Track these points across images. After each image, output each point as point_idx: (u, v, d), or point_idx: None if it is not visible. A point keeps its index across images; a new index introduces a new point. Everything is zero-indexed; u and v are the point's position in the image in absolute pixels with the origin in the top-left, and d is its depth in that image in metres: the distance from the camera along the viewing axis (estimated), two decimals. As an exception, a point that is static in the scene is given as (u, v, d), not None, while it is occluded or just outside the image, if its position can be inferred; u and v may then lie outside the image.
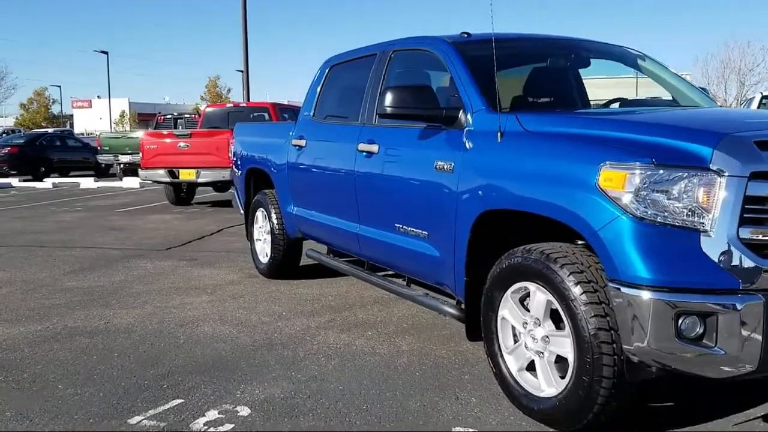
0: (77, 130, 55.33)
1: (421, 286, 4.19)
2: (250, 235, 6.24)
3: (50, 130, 31.17)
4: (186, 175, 11.41)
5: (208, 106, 13.59)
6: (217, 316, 4.74)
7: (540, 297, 2.82)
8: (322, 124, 4.94)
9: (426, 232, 3.56)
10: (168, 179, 11.54)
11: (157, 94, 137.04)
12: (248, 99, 20.82)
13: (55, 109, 78.27)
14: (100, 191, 16.31)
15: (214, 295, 5.40)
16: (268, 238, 5.82)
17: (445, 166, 3.34)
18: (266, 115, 13.01)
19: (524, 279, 2.87)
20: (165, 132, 12.92)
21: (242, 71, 22.14)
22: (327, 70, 5.08)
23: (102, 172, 22.09)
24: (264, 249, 5.95)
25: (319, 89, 5.08)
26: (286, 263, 5.71)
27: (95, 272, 6.39)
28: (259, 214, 6.00)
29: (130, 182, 17.87)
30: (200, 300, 5.23)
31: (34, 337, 4.32)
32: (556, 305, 2.72)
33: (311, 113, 5.10)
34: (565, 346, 2.72)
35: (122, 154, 18.89)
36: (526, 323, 2.92)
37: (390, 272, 4.57)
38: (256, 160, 5.94)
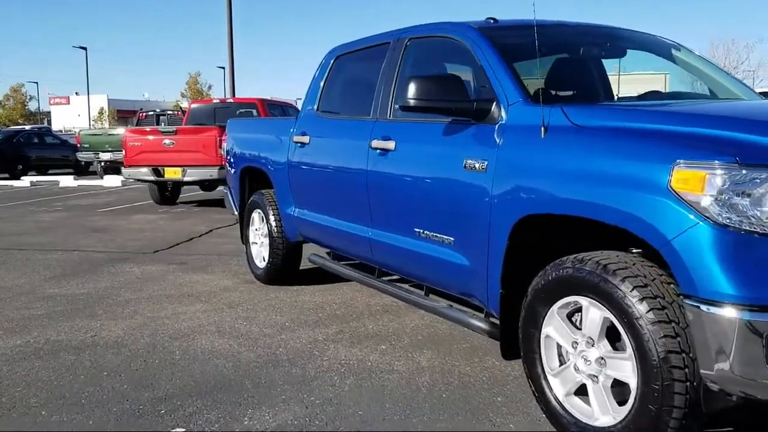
0: (55, 127, 54.33)
1: (441, 295, 3.85)
2: (245, 238, 5.86)
3: (27, 127, 30.44)
4: (171, 174, 10.97)
5: (193, 102, 13.14)
6: (214, 328, 4.37)
7: (594, 313, 2.49)
8: (327, 119, 4.58)
9: (451, 238, 3.22)
10: (152, 178, 11.09)
11: (137, 91, 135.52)
12: (234, 95, 20.36)
13: (32, 106, 76.97)
14: (81, 190, 15.79)
15: (209, 303, 5.02)
16: (266, 241, 5.45)
17: (477, 165, 3.00)
18: (254, 111, 12.59)
19: (575, 293, 2.54)
20: (149, 128, 12.47)
21: (223, 68, 21.62)
22: (332, 61, 4.71)
23: (82, 170, 21.50)
24: (261, 253, 5.58)
25: (323, 82, 4.72)
26: (285, 268, 5.34)
27: (79, 278, 5.97)
28: (256, 215, 5.63)
29: (112, 181, 17.35)
30: (194, 309, 4.85)
31: (12, 353, 3.92)
32: (615, 323, 2.40)
33: (314, 107, 4.73)
34: (625, 369, 2.40)
35: (103, 151, 18.34)
36: (576, 343, 2.59)
37: (398, 278, 4.23)
38: (252, 158, 5.57)
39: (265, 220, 5.40)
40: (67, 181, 17.84)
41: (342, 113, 4.56)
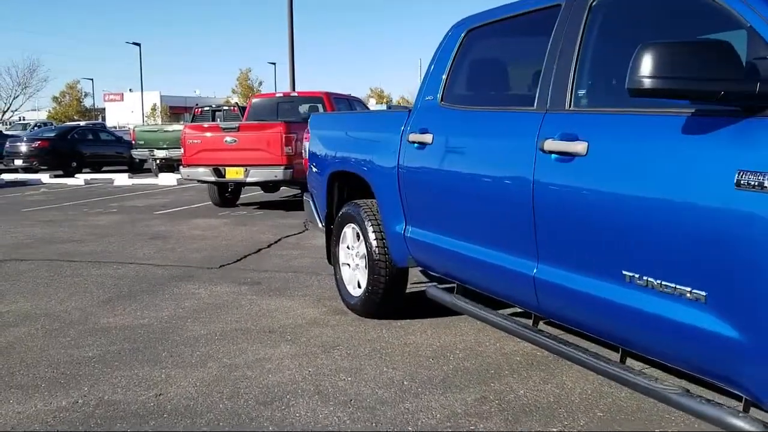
0: (109, 123, 54.74)
1: (640, 360, 2.73)
2: (333, 258, 4.83)
3: (82, 123, 30.29)
4: (233, 174, 10.06)
5: (254, 96, 12.24)
6: (312, 386, 3.34)
7: None
8: (459, 112, 3.49)
9: (702, 293, 2.10)
10: (213, 178, 10.20)
11: (188, 88, 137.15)
12: (293, 88, 19.49)
13: (87, 103, 78.09)
14: (136, 189, 15.11)
15: (297, 344, 4.00)
16: (362, 263, 4.42)
17: (764, 183, 1.87)
18: (320, 105, 11.63)
19: None
20: (207, 125, 11.62)
21: (274, 63, 20.83)
22: (462, 37, 3.62)
23: (136, 167, 20.96)
24: (355, 277, 4.55)
25: (449, 64, 3.63)
26: (387, 299, 4.29)
27: (137, 302, 5.04)
28: (349, 231, 4.59)
29: (167, 179, 16.66)
30: (281, 353, 3.83)
31: (56, 421, 2.96)
32: None
33: (438, 97, 3.65)
34: None
35: (158, 148, 17.68)
36: None
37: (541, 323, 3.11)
38: (345, 161, 4.52)
39: (362, 239, 4.36)
40: (121, 179, 17.23)
41: (482, 104, 3.48)
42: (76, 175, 18.58)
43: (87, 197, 13.38)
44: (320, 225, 5.15)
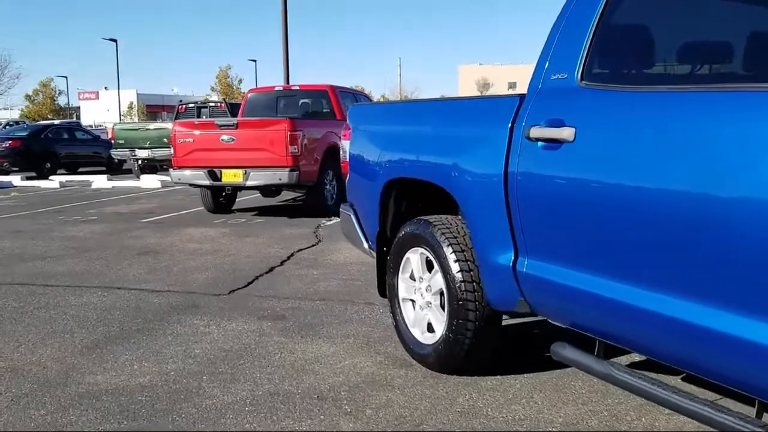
0: (84, 122, 52.94)
1: None
2: (390, 290, 3.72)
3: (57, 122, 28.80)
4: (230, 177, 8.89)
5: (251, 90, 11.06)
6: (410, 504, 2.24)
7: None
8: (624, 94, 2.39)
9: None
10: (207, 182, 9.01)
11: (165, 86, 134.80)
12: (287, 82, 18.30)
13: (62, 101, 75.94)
14: (116, 192, 13.84)
15: (360, 419, 2.90)
16: (436, 301, 3.33)
17: None
18: (324, 100, 10.51)
19: None
20: (197, 121, 10.45)
21: (255, 60, 19.56)
22: (611, -12, 2.53)
23: (115, 168, 19.64)
24: (424, 319, 3.46)
25: (593, 27, 2.53)
26: (475, 350, 3.19)
27: (131, 347, 3.90)
28: (414, 258, 3.49)
29: (150, 181, 15.40)
30: (345, 438, 2.73)
31: None
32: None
33: (576, 74, 2.56)
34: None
35: (139, 148, 16.40)
36: None
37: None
38: (412, 166, 3.43)
39: (436, 268, 3.27)
40: (100, 181, 15.93)
41: (662, 82, 2.40)
42: (51, 177, 17.23)
43: (63, 202, 12.11)
44: (366, 246, 4.05)
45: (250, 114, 10.63)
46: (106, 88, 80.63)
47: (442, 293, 3.29)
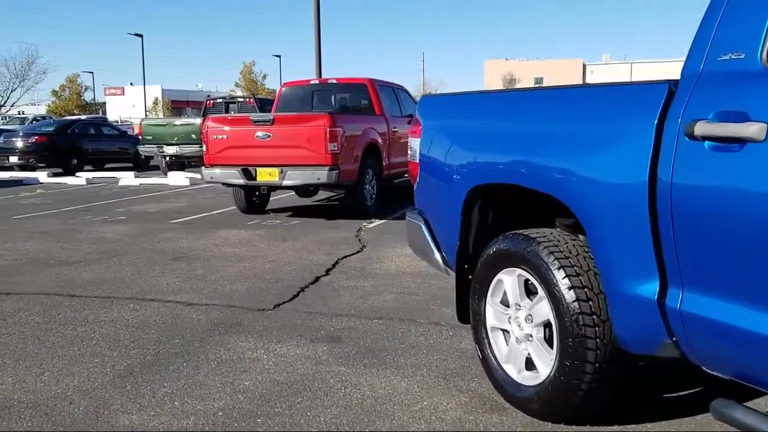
0: (110, 117, 52.99)
1: None
2: (475, 317, 3.14)
3: (83, 117, 28.63)
4: (266, 176, 8.36)
5: (285, 84, 10.52)
6: None
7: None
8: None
9: None
10: (242, 181, 8.49)
11: (190, 82, 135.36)
12: (320, 76, 17.77)
13: (88, 97, 76.22)
14: (144, 190, 13.41)
15: (461, 486, 2.32)
16: (539, 334, 2.75)
17: None
18: (362, 94, 9.94)
19: None
20: (232, 116, 9.95)
21: (279, 56, 19.03)
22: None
23: (141, 165, 19.28)
24: (521, 353, 2.88)
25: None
26: (593, 395, 2.60)
27: (170, 376, 3.38)
28: (509, 280, 2.90)
29: (177, 178, 14.96)
30: None
31: None
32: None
33: (758, 55, 1.95)
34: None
35: (167, 144, 15.97)
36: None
37: None
38: (510, 169, 2.84)
39: (541, 294, 2.69)
40: (127, 178, 15.53)
41: None
42: (77, 174, 16.89)
43: (90, 200, 11.70)
44: (440, 262, 3.47)
45: (284, 109, 10.10)
46: (131, 83, 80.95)
47: (548, 325, 2.70)
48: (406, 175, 10.52)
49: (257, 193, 9.32)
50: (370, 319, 4.34)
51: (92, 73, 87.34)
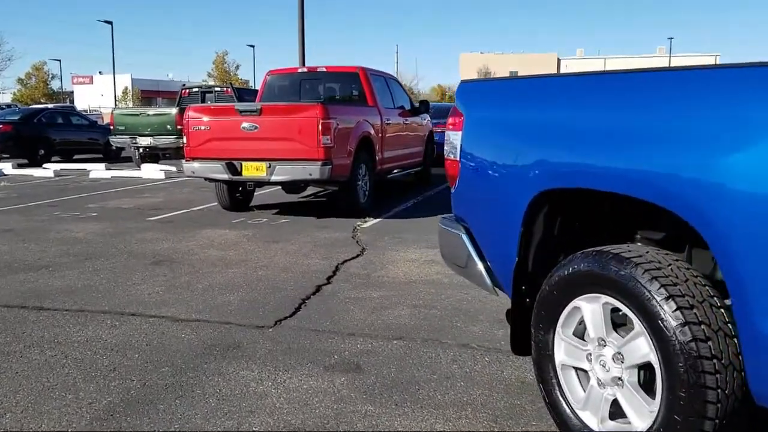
0: (78, 107, 51.48)
1: None
2: (539, 350, 2.58)
3: (50, 106, 27.50)
4: (252, 171, 7.71)
5: (270, 72, 9.84)
6: None
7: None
8: None
9: None
10: (226, 176, 7.83)
11: (160, 71, 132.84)
12: (303, 63, 17.05)
13: (55, 85, 74.16)
14: (117, 184, 12.63)
15: None
16: (633, 377, 2.22)
17: None
18: (354, 83, 9.34)
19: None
20: (216, 106, 9.28)
21: (253, 46, 18.32)
22: None
23: (112, 156, 18.41)
24: (606, 400, 2.33)
25: None
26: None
27: (159, 419, 2.78)
28: (591, 309, 2.35)
29: (151, 171, 14.19)
30: None
31: None
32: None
33: None
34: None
35: (140, 135, 15.16)
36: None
37: None
38: (602, 173, 2.27)
39: (642, 330, 2.14)
40: (98, 170, 14.71)
41: None
42: (45, 165, 16.00)
43: (58, 194, 10.91)
44: (487, 281, 2.90)
45: (269, 99, 9.45)
46: (100, 72, 79.06)
47: (645, 368, 2.16)
48: (396, 171, 9.96)
49: (240, 188, 8.66)
50: (388, 340, 3.76)
51: (59, 60, 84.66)
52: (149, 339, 3.80)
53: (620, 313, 2.25)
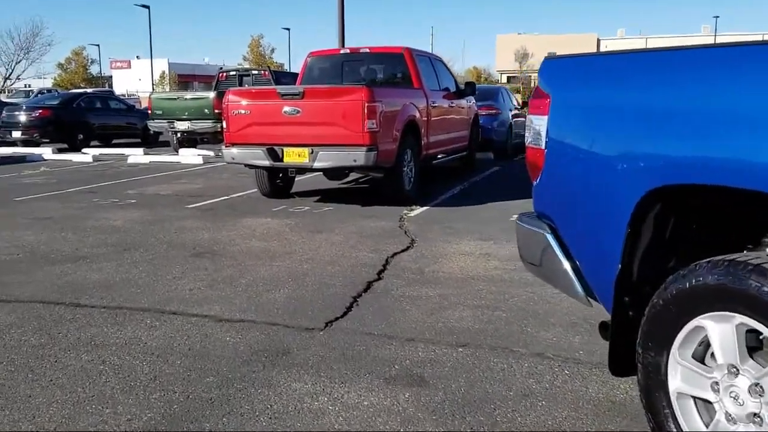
0: (116, 91, 51.97)
1: None
2: (648, 374, 2.18)
3: (89, 90, 27.65)
4: (294, 157, 7.39)
5: (312, 54, 9.48)
6: None
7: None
8: None
9: None
10: (267, 162, 7.52)
11: (196, 55, 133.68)
12: (343, 44, 16.67)
13: (94, 70, 75.07)
14: (155, 169, 12.45)
15: None
16: (776, 414, 1.79)
17: None
18: (399, 65, 8.92)
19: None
20: (256, 89, 8.97)
21: (288, 29, 17.91)
22: None
23: (150, 140, 18.34)
24: (736, 438, 1.92)
25: None
26: None
27: (209, 447, 2.45)
28: (720, 329, 1.95)
29: (189, 156, 14.01)
30: None
31: None
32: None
33: None
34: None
35: (178, 119, 14.99)
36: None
37: None
38: (736, 170, 1.85)
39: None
40: (136, 155, 14.58)
41: None
42: (83, 150, 15.97)
43: (97, 180, 10.77)
44: (578, 289, 2.51)
45: (310, 81, 9.09)
46: (138, 57, 79.64)
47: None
48: (441, 156, 9.54)
49: (281, 175, 8.36)
50: (452, 347, 3.40)
51: (98, 45, 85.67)
52: (191, 342, 3.51)
53: (760, 336, 1.85)
